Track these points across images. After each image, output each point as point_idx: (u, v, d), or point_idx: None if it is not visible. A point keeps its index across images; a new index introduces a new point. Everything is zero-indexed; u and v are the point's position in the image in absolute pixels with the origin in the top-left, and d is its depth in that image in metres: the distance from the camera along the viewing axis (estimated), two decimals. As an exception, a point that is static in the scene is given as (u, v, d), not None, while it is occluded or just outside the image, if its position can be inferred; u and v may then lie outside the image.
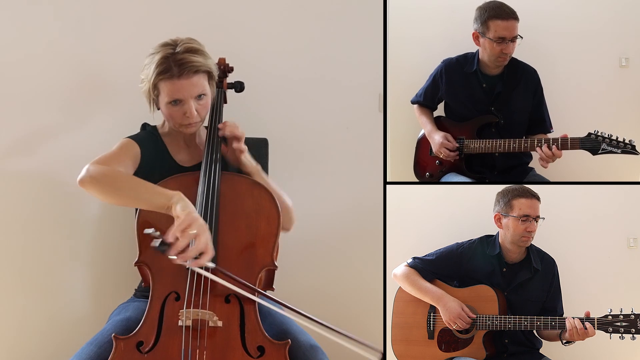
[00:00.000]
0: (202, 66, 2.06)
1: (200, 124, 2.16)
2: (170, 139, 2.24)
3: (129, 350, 1.87)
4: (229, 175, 2.13)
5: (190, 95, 2.06)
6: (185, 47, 2.05)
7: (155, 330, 1.90)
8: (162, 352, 1.87)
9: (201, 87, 2.08)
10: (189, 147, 2.25)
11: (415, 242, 2.68)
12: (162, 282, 1.97)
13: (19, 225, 2.59)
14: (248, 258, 2.01)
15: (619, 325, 2.19)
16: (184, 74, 2.03)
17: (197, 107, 2.09)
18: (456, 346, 2.43)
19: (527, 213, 2.37)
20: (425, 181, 2.68)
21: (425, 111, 2.68)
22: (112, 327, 2.03)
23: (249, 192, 2.09)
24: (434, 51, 2.68)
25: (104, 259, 2.62)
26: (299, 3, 2.66)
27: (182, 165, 2.22)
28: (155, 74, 2.04)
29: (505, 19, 2.44)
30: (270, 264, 2.02)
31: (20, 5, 2.55)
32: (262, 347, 1.90)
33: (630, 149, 2.38)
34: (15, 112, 2.56)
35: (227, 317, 1.92)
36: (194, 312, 1.88)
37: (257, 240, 2.03)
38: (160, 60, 2.04)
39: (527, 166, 2.63)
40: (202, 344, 1.86)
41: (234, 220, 2.04)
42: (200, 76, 2.07)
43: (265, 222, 2.05)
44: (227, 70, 2.30)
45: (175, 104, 2.08)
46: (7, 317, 2.61)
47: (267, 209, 2.07)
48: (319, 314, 2.67)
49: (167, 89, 2.05)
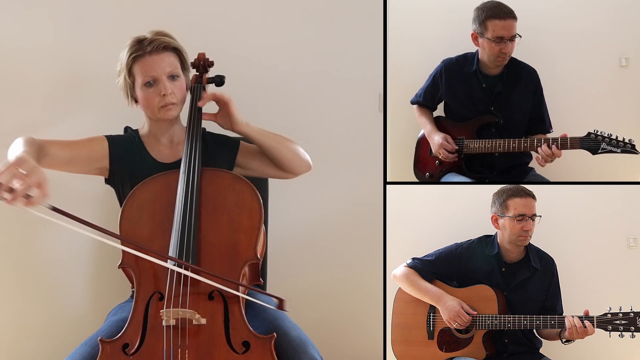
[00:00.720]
0: (171, 43, 2.16)
1: (178, 108, 2.19)
2: (149, 138, 2.27)
3: (115, 353, 1.88)
4: (210, 171, 2.13)
5: (163, 71, 2.13)
6: (155, 32, 2.17)
7: (140, 332, 1.90)
8: (147, 353, 1.87)
9: (173, 65, 2.16)
10: (169, 145, 2.26)
11: (415, 242, 2.68)
12: (145, 283, 1.97)
13: (17, 225, 2.59)
14: (231, 254, 2.00)
15: (618, 324, 2.19)
16: (154, 50, 2.13)
17: (172, 88, 2.14)
18: (456, 346, 2.43)
19: (523, 212, 2.37)
20: (425, 181, 2.68)
21: (425, 111, 2.68)
22: (107, 328, 2.05)
23: (230, 187, 2.09)
24: (434, 51, 2.68)
25: (103, 258, 2.62)
26: (299, 3, 2.67)
27: (161, 162, 2.23)
28: (128, 55, 2.14)
29: (503, 18, 2.44)
30: (253, 258, 2.00)
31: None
32: (247, 342, 1.89)
33: (630, 148, 2.38)
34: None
35: (210, 315, 1.91)
36: (174, 311, 1.87)
37: (240, 235, 2.02)
38: (133, 43, 2.15)
39: (527, 166, 2.63)
40: (184, 342, 1.86)
41: (215, 216, 2.04)
42: (170, 54, 2.16)
43: (247, 215, 2.05)
44: (207, 64, 2.31)
45: (150, 86, 2.14)
46: (7, 317, 2.61)
47: (249, 202, 2.06)
48: (319, 314, 2.69)
49: (140, 69, 2.13)
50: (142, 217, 2.05)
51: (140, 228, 2.04)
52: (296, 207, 2.69)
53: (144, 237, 2.01)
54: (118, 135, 2.28)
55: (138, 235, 2.02)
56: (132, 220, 2.05)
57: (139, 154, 2.23)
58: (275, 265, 2.58)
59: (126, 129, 2.31)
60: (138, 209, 2.06)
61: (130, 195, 2.09)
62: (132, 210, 2.06)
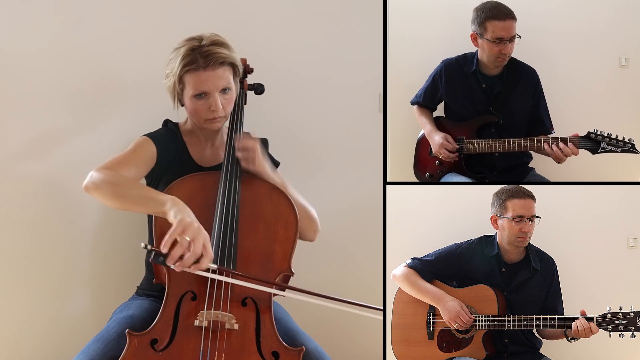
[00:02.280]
0: (228, 58, 2.09)
1: (224, 120, 2.17)
2: (191, 137, 2.24)
3: (143, 347, 1.86)
4: (249, 178, 2.12)
5: (215, 88, 2.08)
6: (211, 40, 2.09)
7: (171, 329, 1.89)
8: (176, 351, 1.86)
9: (226, 80, 2.10)
10: (210, 147, 2.25)
11: (415, 242, 2.68)
12: (178, 281, 1.96)
13: (23, 226, 2.59)
14: (265, 263, 2.02)
15: (618, 324, 2.18)
16: (210, 65, 2.05)
17: (222, 101, 2.10)
18: (456, 346, 2.42)
19: (521, 214, 2.36)
20: (425, 181, 2.68)
21: (424, 111, 2.68)
22: (117, 324, 2.03)
23: (268, 197, 2.10)
24: (434, 51, 2.68)
25: (106, 258, 2.62)
26: (298, 3, 2.67)
27: (200, 166, 2.21)
28: (181, 66, 2.06)
29: (502, 19, 2.44)
30: (287, 270, 2.03)
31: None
32: (277, 352, 1.90)
33: (630, 147, 2.37)
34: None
35: (243, 321, 1.92)
36: (214, 313, 1.87)
37: (275, 245, 2.04)
38: (187, 52, 2.06)
39: (527, 166, 2.63)
40: (220, 345, 1.86)
41: (253, 224, 2.04)
42: (225, 69, 2.09)
43: (283, 227, 2.06)
44: (247, 71, 2.30)
45: (200, 98, 2.09)
46: (10, 316, 2.61)
47: (286, 214, 2.08)
48: (319, 314, 2.68)
49: (193, 81, 2.07)
50: None
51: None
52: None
53: None
54: (159, 133, 2.22)
55: None
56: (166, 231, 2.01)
57: (181, 153, 2.20)
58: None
59: (166, 122, 2.27)
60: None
61: (167, 191, 2.05)
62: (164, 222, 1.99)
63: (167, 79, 2.14)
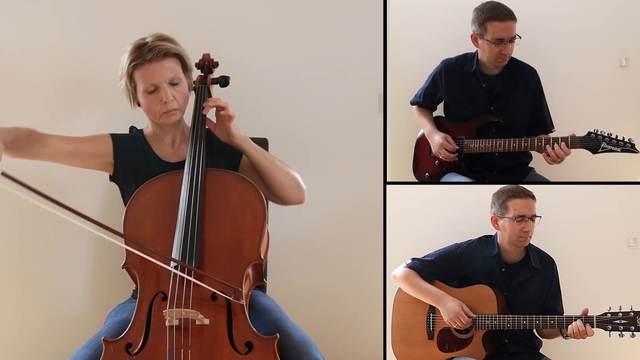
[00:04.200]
0: (171, 49, 2.15)
1: (180, 113, 2.20)
2: (153, 137, 2.28)
3: (118, 352, 1.87)
4: (213, 171, 2.13)
5: (163, 79, 2.13)
6: (156, 36, 2.16)
7: (144, 332, 1.90)
8: (150, 352, 1.87)
9: (173, 71, 2.15)
10: (172, 145, 2.27)
11: (415, 242, 2.68)
12: (149, 283, 1.97)
13: (18, 225, 2.59)
14: (234, 254, 2.00)
15: (618, 323, 2.18)
16: (154, 57, 2.12)
17: (173, 94, 2.15)
18: (456, 346, 2.43)
19: (522, 213, 2.37)
20: (425, 181, 2.68)
21: (424, 112, 2.68)
22: (108, 330, 2.04)
23: (234, 187, 2.09)
24: (434, 51, 2.68)
25: (103, 259, 2.62)
26: (299, 3, 2.67)
27: (166, 162, 2.23)
28: (128, 62, 2.14)
29: (502, 20, 2.44)
30: (256, 259, 2.00)
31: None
32: (250, 342, 1.88)
33: (630, 147, 2.38)
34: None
35: (214, 315, 1.90)
36: (177, 311, 1.87)
37: (243, 236, 2.02)
38: (132, 50, 2.14)
39: (527, 166, 2.62)
40: (186, 343, 1.85)
41: (219, 216, 2.04)
42: (171, 60, 2.15)
43: (250, 216, 2.04)
44: (211, 65, 2.31)
45: (151, 92, 2.14)
46: (7, 317, 2.61)
47: (253, 203, 2.06)
48: (319, 314, 2.69)
49: (141, 76, 2.13)
50: (146, 217, 2.05)
51: (144, 228, 2.04)
52: (296, 207, 2.67)
53: (148, 237, 2.01)
54: (123, 134, 2.29)
55: (142, 236, 2.02)
56: (136, 221, 2.05)
57: (144, 152, 2.24)
58: (276, 266, 2.57)
59: (131, 128, 2.32)
60: (142, 209, 2.06)
61: (134, 196, 2.09)
62: (136, 210, 2.06)
63: (120, 80, 2.20)
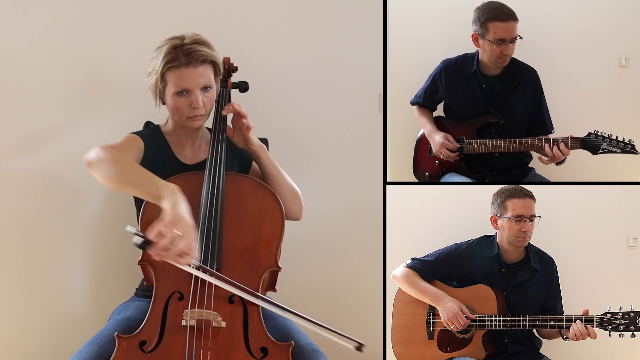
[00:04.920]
0: (209, 56, 2.12)
1: (205, 118, 2.18)
2: (173, 137, 2.25)
3: (131, 349, 1.87)
4: (233, 175, 2.13)
5: (196, 85, 2.10)
6: (193, 38, 2.12)
7: (159, 330, 1.90)
8: (165, 351, 1.86)
9: (207, 78, 2.12)
10: (192, 146, 2.25)
11: (415, 242, 2.69)
12: (165, 281, 1.97)
13: (20, 224, 2.59)
14: (251, 259, 2.01)
15: (618, 324, 2.19)
16: (191, 62, 2.08)
17: (203, 99, 2.12)
18: (456, 346, 2.43)
19: (521, 213, 2.37)
20: (424, 181, 2.68)
21: (425, 112, 2.68)
22: (113, 327, 2.03)
23: (253, 193, 2.09)
24: (434, 51, 2.68)
25: (105, 258, 2.62)
26: (299, 3, 2.67)
27: (185, 164, 2.22)
28: (163, 63, 2.09)
29: (504, 20, 2.44)
30: (274, 265, 2.02)
31: (21, 3, 2.55)
32: (266, 348, 1.90)
33: (630, 148, 2.38)
34: (17, 111, 2.56)
35: (230, 318, 1.91)
36: (198, 312, 1.87)
37: (261, 241, 2.03)
38: (169, 50, 2.09)
39: (527, 166, 2.63)
40: (205, 344, 1.86)
41: (238, 220, 2.04)
42: (206, 66, 2.12)
43: (269, 223, 2.05)
44: (231, 69, 2.31)
45: (181, 95, 2.11)
46: (8, 316, 2.61)
47: (271, 210, 2.07)
48: (319, 314, 2.67)
49: (175, 78, 2.09)
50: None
51: None
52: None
53: None
54: (144, 132, 2.25)
55: None
56: (154, 218, 2.02)
57: (164, 152, 2.22)
58: (276, 266, 2.58)
59: (147, 123, 2.29)
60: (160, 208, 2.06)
61: None
62: (155, 207, 1.99)
63: (150, 77, 2.16)
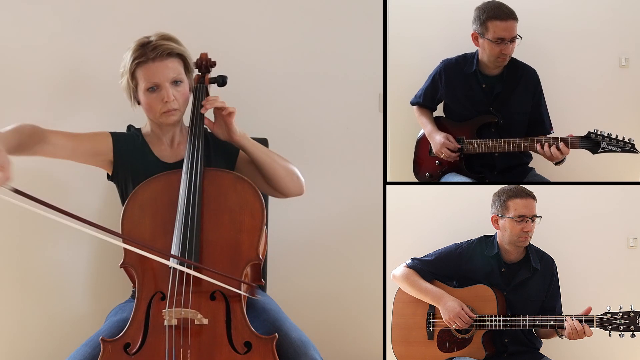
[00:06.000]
0: (175, 49, 2.16)
1: (180, 113, 2.20)
2: (152, 137, 2.28)
3: (116, 352, 1.87)
4: (212, 171, 2.14)
5: (165, 78, 2.13)
6: (159, 35, 2.17)
7: (142, 331, 1.90)
8: (149, 352, 1.87)
9: (176, 71, 2.16)
10: (171, 144, 2.27)
11: (415, 242, 2.68)
12: (147, 282, 1.98)
13: (17, 225, 2.59)
14: (233, 253, 2.00)
15: (618, 323, 2.18)
16: (157, 56, 2.12)
17: (175, 94, 2.15)
18: (456, 346, 2.43)
19: (523, 213, 2.37)
20: (425, 181, 2.68)
21: (425, 112, 2.68)
22: (107, 329, 2.04)
23: (232, 187, 2.10)
24: (434, 51, 2.68)
25: (103, 259, 2.62)
26: (299, 3, 2.67)
27: (165, 162, 2.24)
28: (131, 60, 2.14)
29: (504, 19, 2.44)
30: (255, 258, 2.01)
31: (11, 4, 2.57)
32: (249, 342, 1.89)
33: (630, 147, 2.37)
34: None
35: (212, 315, 1.91)
36: (176, 311, 1.87)
37: (242, 235, 2.03)
38: (136, 48, 2.15)
39: (527, 166, 2.62)
40: (185, 342, 1.86)
41: (217, 216, 2.04)
42: (174, 60, 2.16)
43: (249, 216, 2.05)
44: (209, 65, 2.32)
45: (152, 91, 2.14)
46: (7, 316, 2.61)
47: (251, 202, 2.07)
48: (319, 314, 2.69)
49: (143, 74, 2.14)
50: (144, 216, 2.05)
51: (142, 227, 2.04)
52: (296, 207, 2.67)
53: (146, 236, 2.01)
54: (122, 133, 2.29)
55: (140, 235, 2.02)
56: (134, 220, 2.05)
57: (142, 152, 2.24)
58: (276, 266, 2.58)
59: (129, 127, 2.32)
60: (140, 208, 2.06)
61: (132, 195, 2.09)
62: (134, 209, 2.06)
63: (122, 77, 2.21)
